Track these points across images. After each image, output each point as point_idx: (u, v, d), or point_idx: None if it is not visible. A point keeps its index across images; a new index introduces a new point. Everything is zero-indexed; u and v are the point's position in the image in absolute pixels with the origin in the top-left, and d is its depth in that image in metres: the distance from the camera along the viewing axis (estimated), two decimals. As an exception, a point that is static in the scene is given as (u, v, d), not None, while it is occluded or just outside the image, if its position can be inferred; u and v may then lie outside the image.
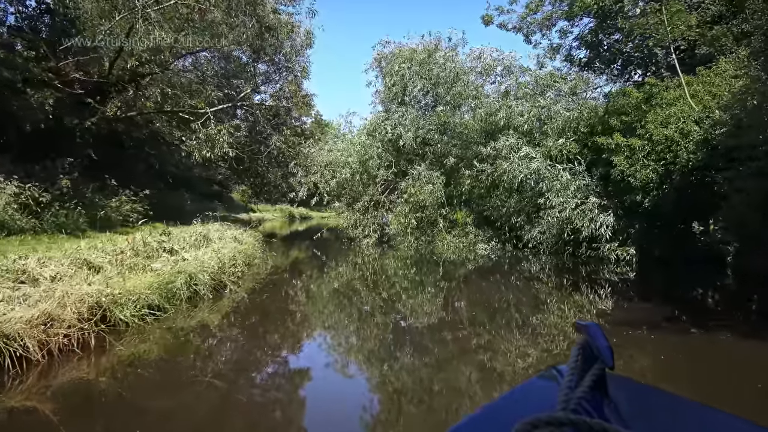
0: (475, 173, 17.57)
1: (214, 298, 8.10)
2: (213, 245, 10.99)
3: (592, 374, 0.84)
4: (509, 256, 17.24)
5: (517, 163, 15.78)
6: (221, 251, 10.10)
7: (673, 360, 6.09)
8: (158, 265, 8.18)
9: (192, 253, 9.35)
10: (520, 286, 12.51)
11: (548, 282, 13.20)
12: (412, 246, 19.03)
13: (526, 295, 11.34)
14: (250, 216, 40.14)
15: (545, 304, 10.17)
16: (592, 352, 0.89)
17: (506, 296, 11.17)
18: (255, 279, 10.43)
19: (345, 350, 6.77)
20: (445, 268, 15.40)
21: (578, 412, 0.72)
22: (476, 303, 10.40)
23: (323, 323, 8.26)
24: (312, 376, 5.66)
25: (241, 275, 9.81)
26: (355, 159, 19.01)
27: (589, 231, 14.53)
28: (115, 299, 5.82)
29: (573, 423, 0.64)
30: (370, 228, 19.51)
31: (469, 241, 18.90)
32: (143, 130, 21.06)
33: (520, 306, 9.91)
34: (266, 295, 9.17)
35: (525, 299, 10.77)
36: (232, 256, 9.90)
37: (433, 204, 18.98)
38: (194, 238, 11.00)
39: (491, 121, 17.38)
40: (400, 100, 19.99)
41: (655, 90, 14.12)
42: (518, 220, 17.79)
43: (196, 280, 7.72)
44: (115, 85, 18.17)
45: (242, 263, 10.60)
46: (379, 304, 10.07)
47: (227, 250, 10.53)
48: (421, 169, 19.07)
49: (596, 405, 0.81)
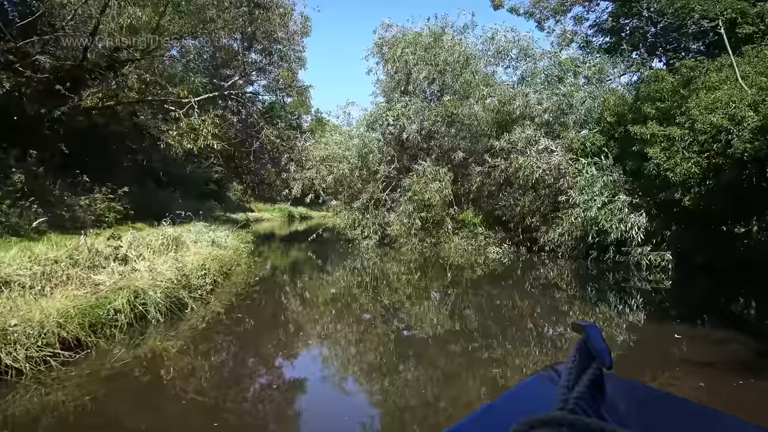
0: (486, 169, 15.84)
1: (168, 321, 6.34)
2: (184, 251, 9.30)
3: (589, 374, 0.82)
4: (523, 260, 15.60)
5: (535, 157, 14.06)
6: (189, 258, 8.39)
7: None
8: (103, 278, 6.48)
9: (153, 261, 7.64)
10: (536, 294, 11.16)
11: (568, 290, 11.63)
12: (416, 248, 17.37)
13: (544, 304, 9.92)
14: (248, 216, 38.47)
15: (566, 316, 8.81)
16: (590, 353, 0.88)
17: (521, 305, 9.93)
18: (231, 293, 8.71)
19: (338, 384, 5.34)
20: (453, 273, 13.95)
21: (576, 411, 0.70)
22: (487, 312, 9.26)
23: (311, 348, 6.60)
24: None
25: (212, 289, 8.09)
26: (353, 153, 17.27)
27: (618, 233, 12.82)
28: (5, 333, 4.11)
29: (570, 423, 0.62)
30: (370, 228, 17.81)
31: (479, 244, 17.28)
32: (125, 123, 19.36)
33: (537, 317, 8.76)
34: (238, 315, 7.41)
35: (542, 309, 9.52)
36: (201, 265, 8.19)
37: (440, 203, 17.27)
38: (161, 242, 9.30)
39: (505, 110, 15.64)
40: (403, 89, 18.20)
41: (695, 72, 12.36)
42: (533, 220, 16.12)
43: (144, 298, 6.00)
44: (91, 72, 16.48)
45: (217, 272, 8.91)
46: (380, 312, 8.92)
47: (199, 256, 8.82)
48: (426, 165, 17.37)
49: (594, 405, 0.77)
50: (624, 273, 12.90)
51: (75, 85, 15.95)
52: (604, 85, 15.65)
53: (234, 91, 18.17)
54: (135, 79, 16.95)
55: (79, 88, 16.17)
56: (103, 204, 15.36)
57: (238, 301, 8.14)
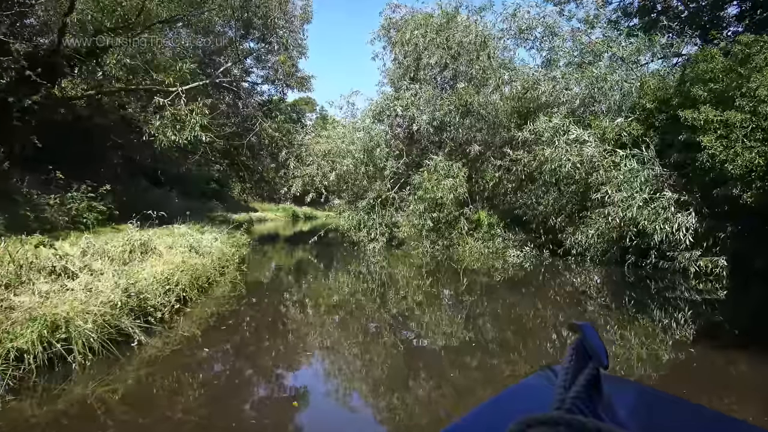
0: (507, 163, 14.14)
1: (103, 361, 4.60)
2: (152, 259, 7.69)
3: (586, 374, 0.81)
4: (546, 264, 14.00)
5: (564, 148, 12.33)
6: (155, 270, 6.77)
7: None
8: (26, 299, 4.87)
9: (102, 275, 6.01)
10: (562, 303, 9.79)
11: (600, 299, 9.99)
12: (427, 252, 15.72)
13: (571, 315, 8.57)
14: (250, 216, 37.04)
15: (599, 329, 6.98)
16: (587, 352, 0.87)
17: (545, 315, 8.73)
18: (203, 314, 6.93)
19: None
20: (468, 278, 12.39)
21: (573, 411, 0.69)
22: (506, 323, 8.23)
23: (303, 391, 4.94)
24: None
25: (178, 309, 6.43)
26: (358, 147, 15.59)
27: (663, 235, 11.08)
28: None
29: (567, 422, 0.60)
30: (376, 230, 16.14)
31: (497, 247, 15.61)
32: (111, 116, 17.83)
33: (564, 329, 7.44)
34: (205, 352, 5.53)
35: (569, 320, 7.63)
36: (166, 278, 6.55)
37: (453, 202, 15.61)
38: (125, 248, 7.69)
39: (528, 97, 13.93)
40: (413, 76, 16.48)
41: (753, 49, 10.62)
42: (558, 220, 14.44)
43: (66, 330, 4.36)
44: (70, 58, 14.95)
45: (191, 286, 7.27)
46: (388, 321, 7.90)
47: (168, 266, 7.20)
48: (438, 160, 15.71)
49: (591, 404, 0.75)
50: (668, 281, 11.21)
51: (50, 72, 14.40)
52: (642, 68, 13.87)
53: (227, 79, 16.50)
54: (119, 67, 15.37)
55: (55, 75, 14.64)
56: (82, 203, 13.86)
57: (211, 325, 6.41)
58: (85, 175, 14.85)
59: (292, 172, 16.83)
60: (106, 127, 17.93)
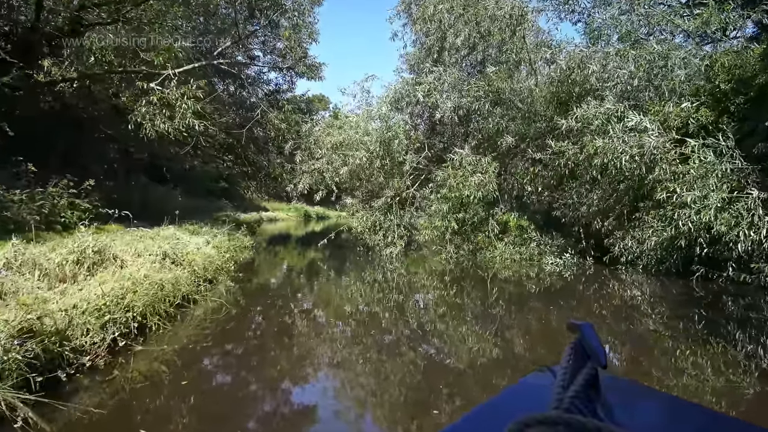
0: (548, 157, 12.12)
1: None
2: (105, 273, 5.86)
3: (584, 373, 0.81)
4: (590, 274, 12.15)
5: (621, 138, 10.30)
6: (102, 289, 4.93)
7: None
8: None
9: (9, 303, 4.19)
10: (610, 319, 8.23)
11: (657, 316, 8.26)
12: (451, 257, 13.83)
13: (629, 337, 7.04)
14: (261, 216, 35.49)
15: (664, 356, 6.11)
16: (585, 352, 0.86)
17: (606, 344, 6.95)
18: (162, 352, 4.86)
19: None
20: (497, 288, 10.87)
21: (571, 411, 0.69)
22: (542, 340, 7.13)
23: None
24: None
25: (125, 347, 4.55)
26: (373, 138, 13.66)
27: (748, 243, 9.02)
28: None
29: (566, 422, 0.61)
30: (394, 232, 14.22)
31: (530, 252, 13.68)
32: (102, 105, 16.15)
33: (619, 353, 6.33)
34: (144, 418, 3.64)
35: (618, 341, 6.84)
36: (110, 303, 4.69)
37: (481, 201, 13.67)
38: (71, 258, 5.88)
39: (573, 79, 11.89)
40: (436, 58, 14.50)
41: None
42: (606, 223, 12.45)
43: None
44: (50, 38, 13.27)
45: (151, 312, 5.42)
46: (407, 335, 7.03)
47: (123, 283, 5.36)
48: (464, 153, 13.76)
49: (589, 404, 0.75)
50: (750, 298, 9.20)
51: (26, 53, 12.73)
52: (711, 45, 11.72)
53: (226, 61, 14.67)
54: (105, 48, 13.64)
55: (32, 57, 12.95)
56: (60, 200, 12.17)
57: (167, 369, 4.50)
58: (75, 170, 13.24)
59: (299, 166, 15.00)
60: (97, 117, 16.25)
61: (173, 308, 5.95)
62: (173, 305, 5.96)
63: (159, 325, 5.36)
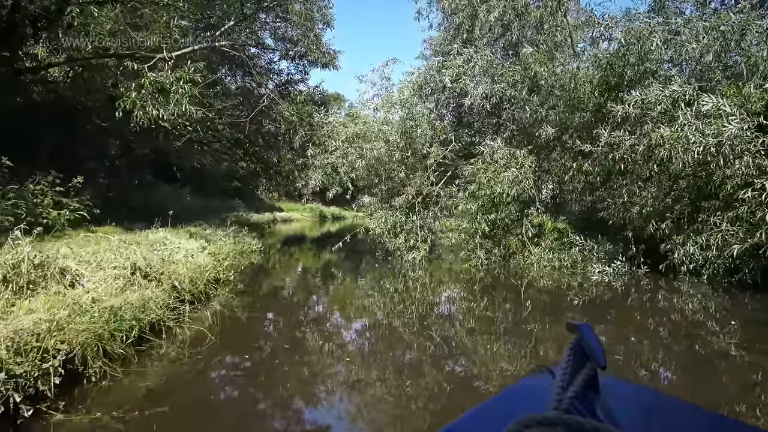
0: (597, 150, 10.41)
1: None
2: (47, 291, 4.38)
3: (584, 374, 0.79)
4: (644, 284, 10.61)
5: (694, 125, 8.55)
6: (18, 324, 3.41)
7: None
8: None
9: None
10: (666, 337, 7.04)
11: (727, 335, 6.83)
12: (481, 263, 12.23)
13: (691, 359, 5.91)
14: (275, 216, 34.28)
15: (734, 382, 4.99)
16: (584, 352, 0.83)
17: (639, 352, 6.17)
18: (80, 425, 3.32)
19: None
20: (534, 299, 9.59)
21: (570, 411, 0.68)
22: None
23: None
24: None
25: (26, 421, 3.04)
26: (394, 128, 12.05)
27: None
28: None
29: (565, 422, 0.60)
30: (417, 235, 12.61)
31: (573, 259, 12.05)
32: (98, 96, 14.80)
33: (678, 377, 5.26)
34: None
35: (689, 368, 5.66)
36: (22, 347, 3.18)
37: (516, 200, 12.04)
38: None
39: (628, 59, 10.16)
40: (466, 38, 12.82)
41: None
42: (663, 226, 10.75)
43: None
44: (35, 20, 11.93)
45: (93, 354, 3.90)
46: (434, 353, 6.03)
47: (53, 313, 3.86)
48: (495, 146, 12.11)
49: (588, 404, 0.74)
50: None
51: (6, 36, 11.40)
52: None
53: (227, 42, 13.16)
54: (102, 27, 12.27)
55: (13, 41, 11.61)
56: (45, 199, 10.84)
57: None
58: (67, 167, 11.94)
59: (311, 161, 13.46)
60: (92, 108, 14.91)
61: (133, 344, 4.42)
62: (132, 340, 4.43)
63: (104, 372, 3.83)
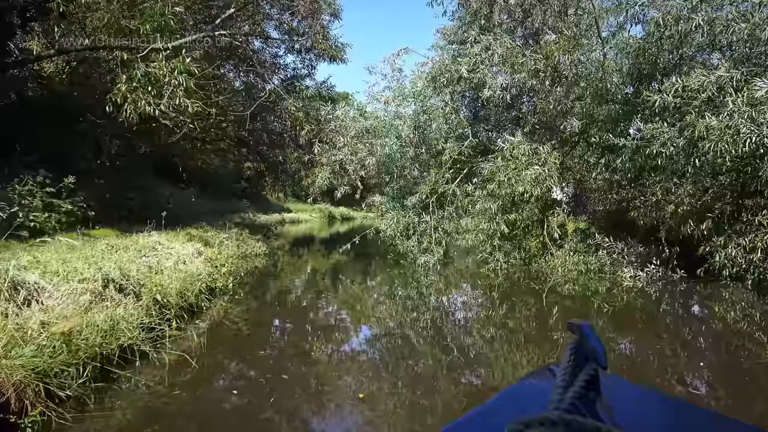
0: (631, 144, 9.46)
1: None
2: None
3: (585, 374, 0.78)
4: (680, 289, 9.92)
5: (746, 112, 7.60)
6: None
7: None
8: None
9: None
10: (713, 351, 6.57)
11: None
12: (501, 267, 11.33)
13: (735, 373, 5.35)
14: (283, 217, 33.61)
15: None
16: (586, 352, 0.83)
17: (673, 365, 5.62)
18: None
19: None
20: (558, 307, 8.94)
21: (571, 411, 0.67)
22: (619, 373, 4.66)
23: None
24: None
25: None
26: (406, 123, 11.18)
27: None
28: None
29: (566, 422, 0.59)
30: (431, 237, 11.73)
31: (600, 262, 11.17)
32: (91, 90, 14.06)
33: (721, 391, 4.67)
34: None
35: (733, 381, 5.05)
36: None
37: (539, 199, 11.15)
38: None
39: (664, 44, 9.23)
40: (483, 24, 11.92)
41: None
42: (703, 226, 9.84)
43: None
44: (23, 11, 11.20)
45: (17, 398, 3.06)
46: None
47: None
48: (516, 141, 11.20)
49: (589, 404, 0.75)
50: None
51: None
52: None
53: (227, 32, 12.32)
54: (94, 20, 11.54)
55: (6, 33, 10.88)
56: (33, 201, 10.11)
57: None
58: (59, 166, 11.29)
59: (318, 158, 12.62)
60: (88, 104, 14.15)
61: (92, 378, 3.57)
62: (90, 374, 3.58)
63: (45, 420, 2.99)
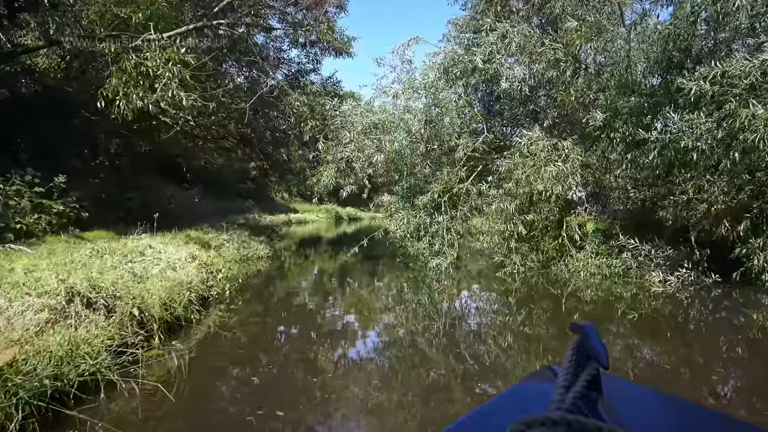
0: (661, 138, 8.68)
1: None
2: None
3: (586, 374, 0.79)
4: (714, 295, 9.07)
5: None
6: None
7: None
8: None
9: None
10: (755, 363, 5.78)
11: None
12: (517, 270, 10.61)
13: None
14: (290, 217, 33.10)
15: None
16: (587, 352, 0.84)
17: (725, 384, 4.98)
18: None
19: None
20: (581, 313, 8.29)
21: (573, 411, 0.68)
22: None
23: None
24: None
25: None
26: (417, 117, 10.46)
27: None
28: None
29: (567, 422, 0.60)
30: (443, 238, 10.99)
31: (625, 265, 10.46)
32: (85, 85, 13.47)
33: None
34: None
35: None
36: None
37: (560, 198, 10.43)
38: None
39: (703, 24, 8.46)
40: (498, 11, 11.17)
41: None
42: (741, 227, 9.10)
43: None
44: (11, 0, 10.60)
45: None
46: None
47: None
48: (534, 136, 10.43)
49: (591, 404, 0.76)
50: None
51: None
52: None
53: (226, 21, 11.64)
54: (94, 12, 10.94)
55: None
56: (21, 201, 9.52)
57: None
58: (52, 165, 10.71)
59: (322, 155, 11.93)
60: (82, 100, 13.56)
61: (33, 421, 2.88)
62: (37, 415, 2.89)
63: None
